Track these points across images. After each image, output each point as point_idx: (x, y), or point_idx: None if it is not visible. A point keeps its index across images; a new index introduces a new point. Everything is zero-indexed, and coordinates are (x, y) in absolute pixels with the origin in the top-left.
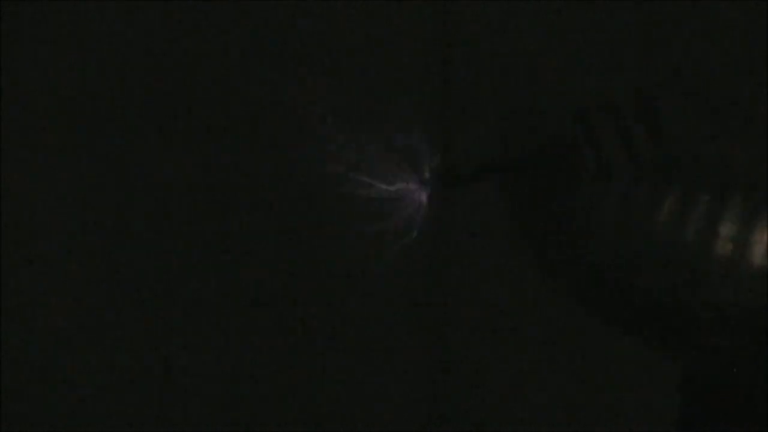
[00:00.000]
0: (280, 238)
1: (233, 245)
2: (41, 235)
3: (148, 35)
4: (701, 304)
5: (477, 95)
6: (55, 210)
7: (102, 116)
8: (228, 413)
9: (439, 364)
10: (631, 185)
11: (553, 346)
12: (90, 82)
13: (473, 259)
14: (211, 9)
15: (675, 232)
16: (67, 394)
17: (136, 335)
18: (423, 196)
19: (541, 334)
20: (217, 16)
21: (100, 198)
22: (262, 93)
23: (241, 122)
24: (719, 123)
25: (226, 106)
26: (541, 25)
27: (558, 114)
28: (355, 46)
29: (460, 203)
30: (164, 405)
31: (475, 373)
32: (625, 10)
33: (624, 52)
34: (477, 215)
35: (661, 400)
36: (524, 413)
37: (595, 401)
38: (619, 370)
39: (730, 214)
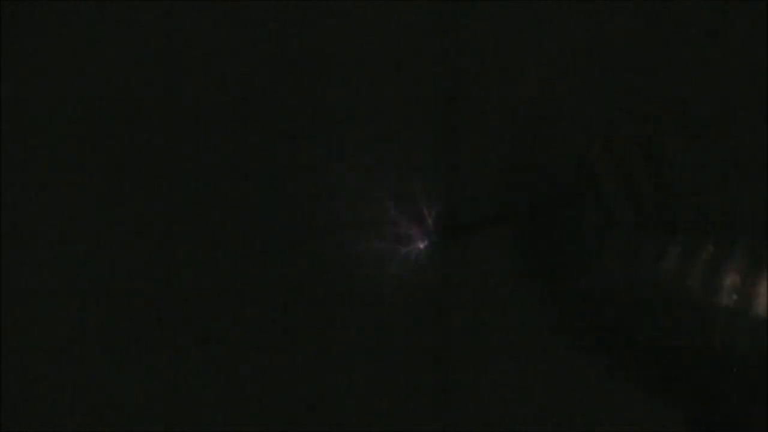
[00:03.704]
0: (286, 266)
1: (239, 264)
2: (41, 237)
3: (149, 37)
4: (705, 351)
5: (482, 142)
6: (55, 213)
7: (102, 118)
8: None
9: (440, 387)
10: (634, 234)
11: (553, 371)
12: (90, 84)
13: (477, 292)
14: (217, 13)
15: (679, 281)
16: (67, 395)
17: (135, 337)
18: (425, 244)
19: (541, 360)
20: (225, 20)
21: (101, 200)
22: (266, 109)
23: (245, 138)
24: (722, 170)
25: (228, 114)
26: (543, 71)
27: (562, 163)
28: (357, 84)
29: (464, 245)
30: (165, 406)
31: (475, 397)
32: (628, 51)
33: (629, 94)
34: (481, 256)
35: (662, 414)
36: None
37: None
38: (622, 398)
39: (734, 264)
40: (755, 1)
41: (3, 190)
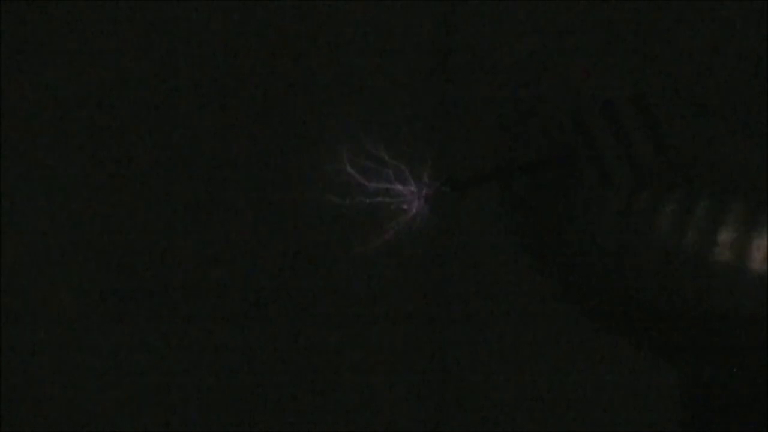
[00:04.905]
0: (277, 247)
1: (232, 255)
2: (41, 235)
3: (148, 36)
4: (702, 311)
5: (475, 100)
6: (55, 211)
7: (102, 116)
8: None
9: (439, 377)
10: (631, 192)
11: (553, 356)
12: (90, 83)
13: (472, 266)
14: (213, 9)
15: (675, 238)
16: (67, 395)
17: (135, 338)
18: (420, 203)
19: (541, 345)
20: (219, 17)
21: (100, 198)
22: (259, 98)
23: (239, 128)
24: (718, 127)
25: (225, 108)
26: (539, 30)
27: (557, 121)
28: (354, 50)
29: (458, 211)
30: (164, 407)
31: (474, 388)
32: (623, 13)
33: (622, 54)
34: (475, 224)
35: (661, 404)
36: (521, 427)
37: (594, 411)
38: (619, 379)
39: (730, 219)
40: None
41: (3, 189)
